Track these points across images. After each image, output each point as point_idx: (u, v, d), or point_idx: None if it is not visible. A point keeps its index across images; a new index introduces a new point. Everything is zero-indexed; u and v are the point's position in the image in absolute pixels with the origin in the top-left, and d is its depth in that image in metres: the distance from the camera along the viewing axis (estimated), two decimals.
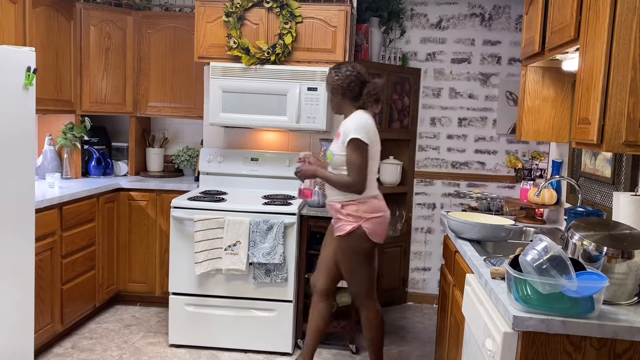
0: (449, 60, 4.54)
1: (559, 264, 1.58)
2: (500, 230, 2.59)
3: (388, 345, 3.77)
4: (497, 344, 1.68)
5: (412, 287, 4.73)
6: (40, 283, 3.18)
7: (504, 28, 4.47)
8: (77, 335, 3.69)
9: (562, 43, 2.32)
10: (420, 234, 4.68)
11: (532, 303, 1.62)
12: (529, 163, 3.82)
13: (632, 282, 1.74)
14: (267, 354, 3.53)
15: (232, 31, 3.70)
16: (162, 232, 4.08)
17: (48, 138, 4.11)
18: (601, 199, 2.75)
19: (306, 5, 3.69)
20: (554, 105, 3.02)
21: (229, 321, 3.51)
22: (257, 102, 3.70)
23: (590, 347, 1.61)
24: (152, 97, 4.34)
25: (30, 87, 2.80)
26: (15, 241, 2.77)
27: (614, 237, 1.79)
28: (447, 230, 2.94)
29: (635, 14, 1.76)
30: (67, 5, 3.95)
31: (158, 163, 4.57)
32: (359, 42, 4.07)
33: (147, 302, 4.24)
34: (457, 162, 4.60)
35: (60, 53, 3.89)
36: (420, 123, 4.60)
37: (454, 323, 2.67)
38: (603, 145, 1.85)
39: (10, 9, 3.27)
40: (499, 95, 4.50)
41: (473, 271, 2.23)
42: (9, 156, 2.67)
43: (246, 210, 3.45)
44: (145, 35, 4.28)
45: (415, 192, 4.65)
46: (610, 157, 2.66)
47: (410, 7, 4.52)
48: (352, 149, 2.84)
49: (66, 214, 3.46)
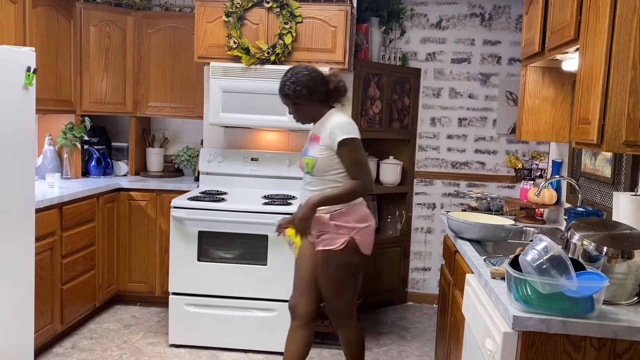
0: (449, 60, 4.54)
1: (559, 264, 1.58)
2: (500, 230, 2.59)
3: (388, 345, 3.77)
4: (497, 344, 1.68)
5: (412, 287, 4.73)
6: (40, 283, 3.18)
7: (504, 28, 4.47)
8: (77, 335, 3.69)
9: (562, 43, 2.32)
10: (420, 234, 4.68)
11: (532, 303, 1.62)
12: (529, 163, 3.82)
13: (632, 282, 1.74)
14: (267, 354, 3.53)
15: (232, 31, 3.70)
16: (162, 232, 4.08)
17: (48, 138, 4.10)
18: (601, 199, 2.75)
19: (306, 5, 3.69)
20: (554, 105, 3.02)
21: (229, 321, 3.51)
22: (257, 102, 3.70)
23: (590, 347, 1.61)
24: (152, 97, 4.34)
25: (30, 87, 2.80)
26: (15, 241, 2.77)
27: (614, 237, 1.79)
28: (447, 230, 2.94)
29: (635, 14, 1.76)
30: (67, 5, 3.95)
31: (158, 163, 4.57)
32: (359, 42, 4.07)
33: (147, 302, 4.24)
34: (457, 162, 4.60)
35: (60, 53, 3.89)
36: (420, 123, 4.60)
37: (454, 323, 2.67)
38: (603, 145, 1.85)
39: (10, 9, 3.27)
40: (499, 95, 4.50)
41: (473, 271, 2.23)
42: (9, 156, 2.67)
43: (246, 210, 3.45)
44: (145, 35, 4.28)
45: (415, 192, 4.64)
46: (610, 157, 2.66)
47: (410, 7, 4.52)
48: (350, 149, 2.61)
49: (66, 214, 3.46)
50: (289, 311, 2.86)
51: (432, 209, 4.65)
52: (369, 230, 2.70)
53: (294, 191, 4.00)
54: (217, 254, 3.53)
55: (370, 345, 3.75)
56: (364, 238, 2.67)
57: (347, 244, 2.63)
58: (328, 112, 2.73)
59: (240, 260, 3.50)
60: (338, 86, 2.72)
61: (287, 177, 4.00)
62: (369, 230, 2.70)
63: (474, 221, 2.63)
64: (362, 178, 2.61)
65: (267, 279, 3.47)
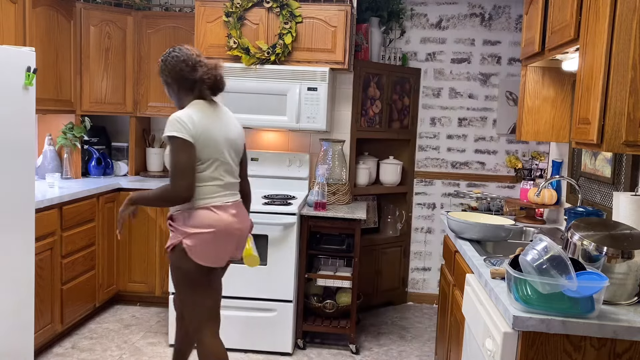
0: (449, 60, 4.54)
1: (559, 264, 1.58)
2: (500, 230, 2.59)
3: (388, 345, 3.77)
4: (497, 344, 1.68)
5: (412, 287, 4.73)
6: (40, 283, 3.18)
7: (504, 28, 4.47)
8: (77, 335, 3.69)
9: (562, 43, 2.32)
10: (420, 234, 4.68)
11: (532, 303, 1.62)
12: (529, 163, 3.82)
13: (632, 282, 1.74)
14: (267, 354, 3.53)
15: (232, 31, 3.70)
16: (162, 232, 4.08)
17: (48, 138, 4.11)
18: (601, 199, 2.75)
19: (306, 5, 3.69)
20: (554, 105, 3.02)
21: (228, 321, 3.51)
22: (257, 102, 3.70)
23: (590, 347, 1.61)
24: (152, 97, 4.34)
25: (30, 87, 2.80)
26: (15, 241, 2.77)
27: (614, 237, 1.79)
28: (447, 230, 2.94)
29: (635, 14, 1.76)
30: (67, 5, 3.95)
31: (158, 163, 4.56)
32: (359, 42, 4.07)
33: (147, 302, 4.24)
34: (457, 162, 4.60)
35: (60, 53, 3.89)
36: (420, 123, 4.60)
37: (454, 323, 2.67)
38: (603, 145, 1.85)
39: (10, 9, 3.27)
40: (499, 95, 4.50)
41: (473, 271, 2.23)
42: (9, 156, 2.67)
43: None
44: (145, 35, 4.28)
45: (415, 192, 4.65)
46: (610, 157, 2.66)
47: (410, 7, 4.52)
48: (170, 149, 2.32)
49: (66, 214, 3.46)
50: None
51: (432, 209, 4.65)
52: (205, 238, 2.36)
53: (294, 191, 4.00)
54: None
55: (371, 345, 3.75)
56: (195, 245, 2.36)
57: (174, 247, 2.39)
58: (190, 103, 2.42)
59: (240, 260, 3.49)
60: (203, 77, 2.39)
61: (287, 177, 4.01)
62: (204, 238, 2.36)
63: (474, 221, 2.63)
64: (171, 184, 2.29)
65: (267, 279, 3.47)
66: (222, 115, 2.49)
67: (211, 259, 2.41)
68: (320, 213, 3.52)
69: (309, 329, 3.64)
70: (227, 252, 2.48)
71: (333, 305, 3.66)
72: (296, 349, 3.61)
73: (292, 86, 3.65)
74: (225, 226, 2.40)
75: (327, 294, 3.79)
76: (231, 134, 2.48)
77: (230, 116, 2.55)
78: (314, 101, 3.65)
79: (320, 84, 3.62)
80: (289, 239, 3.44)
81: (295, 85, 3.65)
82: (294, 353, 3.56)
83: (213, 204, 2.40)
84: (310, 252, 3.64)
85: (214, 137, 2.38)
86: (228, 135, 2.46)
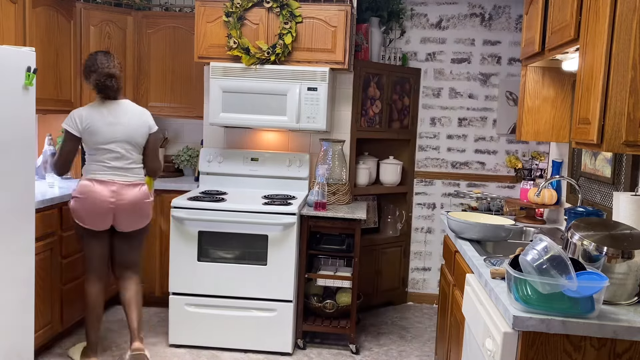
0: (449, 60, 4.54)
1: (559, 264, 1.58)
2: (500, 230, 2.59)
3: (388, 345, 3.77)
4: (497, 344, 1.68)
5: (412, 287, 4.73)
6: (40, 283, 3.18)
7: (504, 28, 4.47)
8: (77, 335, 3.69)
9: (562, 43, 2.32)
10: (420, 234, 4.68)
11: (532, 303, 1.62)
12: (529, 163, 3.82)
13: (632, 282, 1.74)
14: (267, 354, 3.53)
15: (232, 31, 3.70)
16: (162, 232, 4.08)
17: (48, 138, 4.10)
18: (601, 199, 2.75)
19: (306, 5, 3.69)
20: (554, 105, 3.02)
21: (229, 321, 3.51)
22: (257, 102, 3.70)
23: (590, 347, 1.61)
24: (152, 97, 4.34)
25: (30, 87, 2.80)
26: (15, 241, 2.77)
27: (614, 237, 1.79)
28: (447, 230, 2.94)
29: (635, 14, 1.76)
30: (67, 5, 3.95)
31: None
32: (359, 42, 4.08)
33: (147, 302, 4.23)
34: (457, 162, 4.60)
35: (60, 53, 3.89)
36: (420, 123, 4.60)
37: (454, 323, 2.67)
38: (603, 145, 1.86)
39: (10, 9, 3.27)
40: (499, 95, 4.51)
41: (473, 271, 2.23)
42: (9, 156, 2.67)
43: (246, 210, 3.45)
44: (145, 35, 4.28)
45: (415, 192, 4.65)
46: (610, 157, 2.66)
47: (410, 7, 4.52)
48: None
49: (66, 214, 3.45)
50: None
51: (432, 209, 4.65)
52: (80, 202, 3.04)
53: (294, 191, 4.00)
54: (217, 254, 3.53)
55: (371, 345, 3.75)
56: (75, 207, 3.06)
57: (67, 204, 3.20)
58: (95, 100, 3.14)
59: (240, 260, 3.50)
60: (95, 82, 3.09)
61: (287, 177, 4.01)
62: (80, 202, 3.05)
63: (474, 221, 2.63)
64: (53, 161, 3.16)
65: (267, 279, 3.47)
66: (117, 113, 3.11)
67: (82, 219, 3.06)
68: (320, 213, 3.52)
69: (309, 329, 3.64)
70: (99, 219, 3.07)
71: (333, 305, 3.66)
72: (296, 349, 3.62)
73: (292, 86, 3.65)
74: (95, 197, 3.04)
75: (327, 294, 3.79)
76: (124, 129, 3.10)
77: (131, 113, 3.16)
78: (314, 101, 3.65)
79: (320, 84, 3.62)
80: (289, 239, 3.44)
81: (295, 85, 3.65)
82: (294, 353, 3.56)
83: (97, 178, 3.06)
84: (310, 252, 3.65)
85: (100, 131, 3.05)
86: (118, 130, 3.09)
